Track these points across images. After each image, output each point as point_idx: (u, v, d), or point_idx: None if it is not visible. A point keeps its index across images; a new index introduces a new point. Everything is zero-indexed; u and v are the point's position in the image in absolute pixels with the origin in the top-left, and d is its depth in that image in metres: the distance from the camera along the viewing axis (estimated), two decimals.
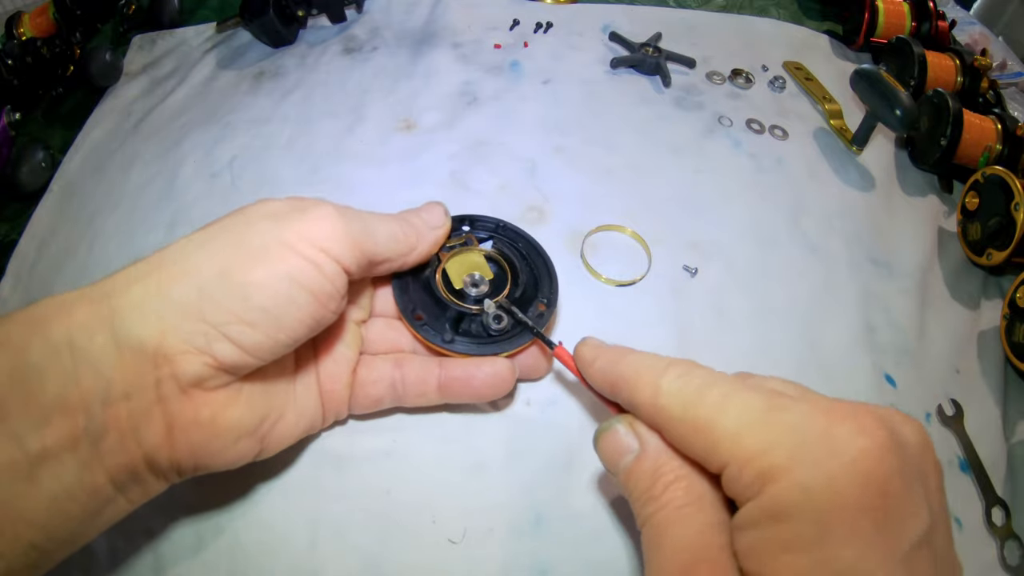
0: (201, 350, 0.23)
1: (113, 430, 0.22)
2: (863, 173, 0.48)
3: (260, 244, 0.24)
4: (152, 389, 0.22)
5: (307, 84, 0.53)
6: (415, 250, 0.30)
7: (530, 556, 0.30)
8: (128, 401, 0.22)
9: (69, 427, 0.21)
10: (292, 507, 0.30)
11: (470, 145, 0.47)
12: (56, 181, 0.48)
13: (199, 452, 0.24)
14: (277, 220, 0.25)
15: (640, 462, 0.23)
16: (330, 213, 0.26)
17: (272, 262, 0.24)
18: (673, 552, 0.20)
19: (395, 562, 0.29)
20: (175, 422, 0.23)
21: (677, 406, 0.21)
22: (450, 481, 0.31)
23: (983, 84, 0.52)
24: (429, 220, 0.31)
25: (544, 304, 0.32)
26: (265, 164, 0.46)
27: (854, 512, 0.18)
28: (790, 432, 0.19)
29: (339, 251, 0.25)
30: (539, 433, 0.33)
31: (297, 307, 0.24)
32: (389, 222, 0.29)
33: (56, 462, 0.21)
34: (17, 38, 0.59)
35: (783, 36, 0.60)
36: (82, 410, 0.21)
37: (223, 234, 0.25)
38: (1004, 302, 0.40)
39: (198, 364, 0.23)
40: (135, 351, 0.22)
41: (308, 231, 0.25)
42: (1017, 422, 0.38)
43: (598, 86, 0.53)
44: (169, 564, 0.29)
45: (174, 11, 0.60)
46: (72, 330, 0.22)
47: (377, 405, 0.32)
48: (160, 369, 0.22)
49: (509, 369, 0.31)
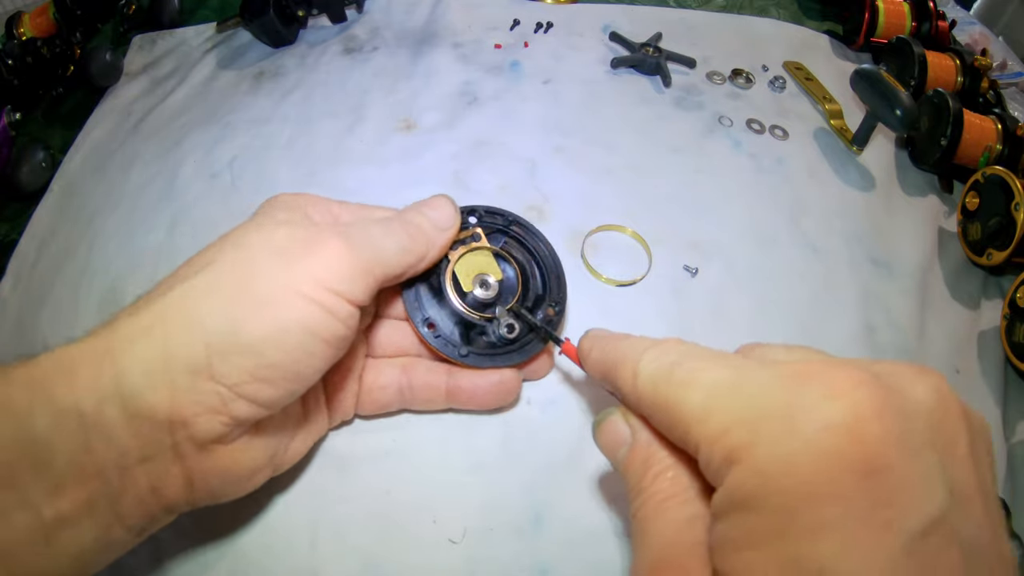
0: (216, 410, 0.22)
1: (131, 491, 0.21)
2: (863, 173, 0.48)
3: (267, 291, 0.22)
4: (169, 451, 0.22)
5: (307, 84, 0.53)
6: (425, 259, 0.28)
7: (530, 556, 0.30)
8: (145, 464, 0.21)
9: (85, 493, 0.21)
10: (292, 507, 0.30)
11: (470, 145, 0.47)
12: (56, 181, 0.48)
13: (217, 493, 0.24)
14: (283, 259, 0.23)
15: (632, 453, 0.22)
16: (338, 248, 0.24)
17: (282, 313, 0.22)
18: (648, 549, 0.19)
19: (395, 562, 0.29)
20: (194, 474, 0.23)
21: (649, 387, 0.20)
22: (450, 481, 0.31)
23: (983, 84, 0.52)
24: (438, 221, 0.29)
25: (553, 309, 0.32)
26: (265, 164, 0.46)
27: (825, 498, 0.15)
28: (750, 405, 0.16)
29: (352, 288, 0.24)
30: (539, 433, 0.33)
31: (311, 356, 0.23)
32: (397, 233, 0.27)
33: (73, 525, 0.21)
34: (17, 38, 0.59)
35: (783, 36, 0.60)
36: (97, 477, 0.21)
37: (226, 278, 0.23)
38: (1004, 302, 0.40)
39: (215, 424, 0.22)
40: (149, 420, 0.21)
41: (318, 272, 0.23)
42: (1017, 422, 0.38)
43: (598, 86, 0.53)
44: (169, 564, 0.29)
45: (174, 11, 0.60)
46: (78, 397, 0.20)
47: (384, 409, 0.32)
48: (176, 433, 0.22)
49: (515, 379, 0.31)
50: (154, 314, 0.22)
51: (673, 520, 0.19)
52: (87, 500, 0.21)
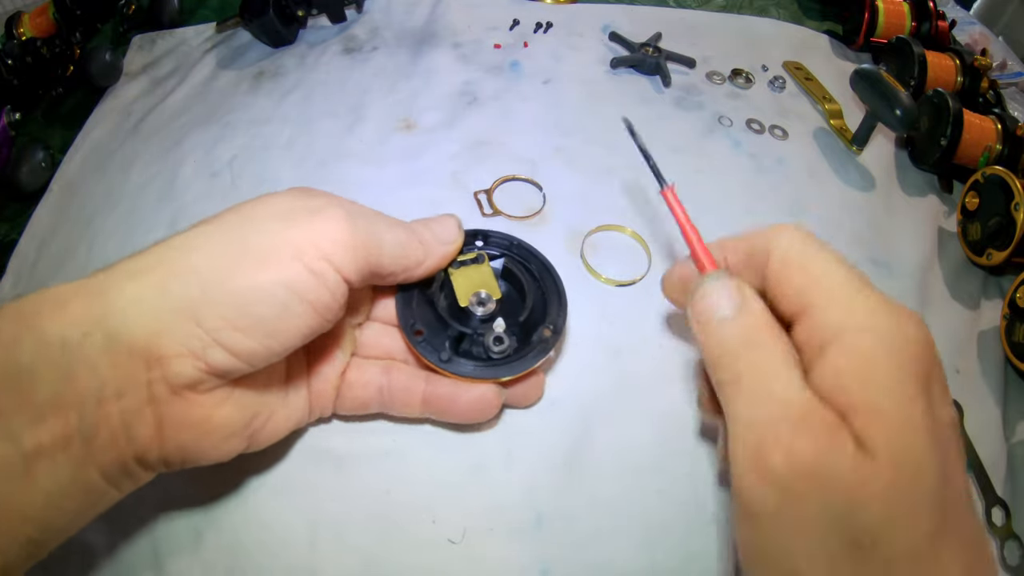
0: (194, 354, 0.22)
1: (104, 428, 0.22)
2: (863, 173, 0.48)
3: (263, 246, 0.23)
4: (144, 389, 0.22)
5: (307, 84, 0.53)
6: (422, 264, 0.29)
7: (530, 556, 0.30)
8: (120, 400, 0.22)
9: (63, 425, 0.21)
10: (291, 507, 0.30)
11: (470, 145, 0.47)
12: (56, 181, 0.48)
13: (188, 449, 0.24)
14: (284, 220, 0.24)
15: (746, 315, 0.22)
16: (340, 217, 0.25)
17: (272, 268, 0.23)
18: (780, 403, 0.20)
19: (395, 562, 0.29)
20: (165, 421, 0.23)
21: (792, 247, 0.23)
22: (450, 481, 0.31)
23: (983, 84, 0.52)
24: (441, 234, 0.30)
25: (550, 330, 0.31)
26: (265, 164, 0.46)
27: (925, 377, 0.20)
28: (870, 301, 0.21)
29: (344, 261, 0.25)
30: (539, 433, 0.33)
31: (294, 316, 0.24)
32: (398, 231, 0.28)
33: (51, 460, 0.21)
34: (17, 38, 0.59)
35: (783, 36, 0.60)
36: (75, 408, 0.21)
37: (226, 231, 0.24)
38: (1004, 302, 0.40)
39: (190, 367, 0.22)
40: (128, 351, 0.22)
41: (315, 236, 0.24)
42: (1017, 422, 0.38)
43: (598, 86, 0.53)
44: (168, 563, 0.29)
45: (174, 11, 0.60)
46: (65, 328, 0.21)
47: (363, 409, 0.31)
48: (152, 371, 0.22)
49: (495, 395, 0.30)
50: (151, 258, 0.23)
51: (792, 384, 0.21)
52: (64, 433, 0.21)
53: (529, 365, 0.30)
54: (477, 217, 0.42)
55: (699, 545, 0.30)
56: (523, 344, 0.30)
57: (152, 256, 0.23)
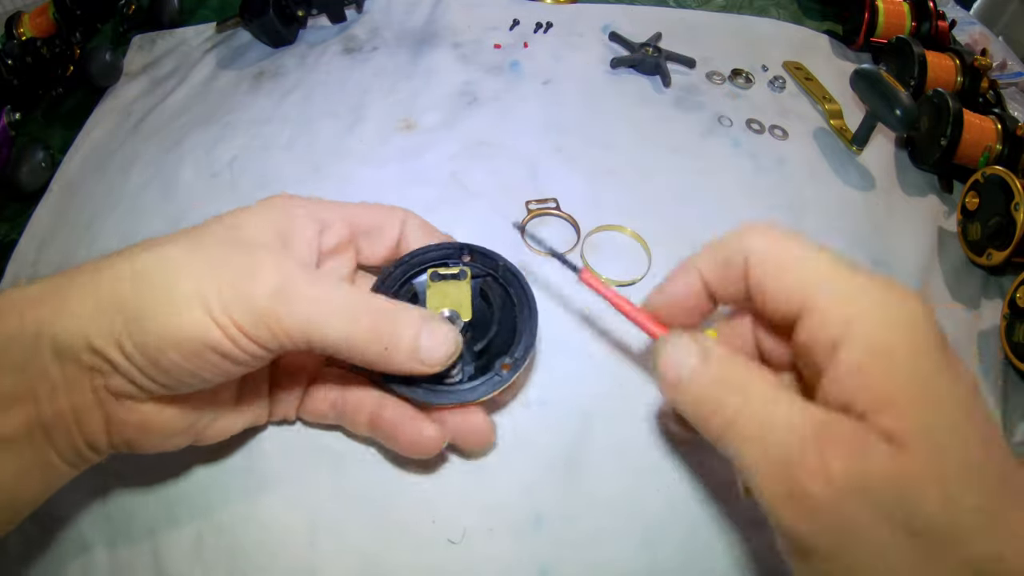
0: (124, 375, 0.23)
1: (60, 421, 0.23)
2: (863, 173, 0.48)
3: (183, 294, 0.23)
4: (90, 393, 0.23)
5: (307, 84, 0.53)
6: (378, 365, 0.25)
7: (530, 556, 0.30)
8: (71, 398, 0.23)
9: (25, 416, 0.23)
10: (291, 507, 0.30)
11: (470, 145, 0.47)
12: (56, 181, 0.48)
13: (134, 442, 0.25)
14: (213, 271, 0.23)
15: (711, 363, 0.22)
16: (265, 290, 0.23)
17: (184, 320, 0.22)
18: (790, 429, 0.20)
19: (394, 562, 0.29)
20: (111, 420, 0.24)
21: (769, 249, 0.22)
22: (450, 481, 0.31)
23: (983, 84, 0.52)
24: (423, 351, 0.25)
25: (509, 364, 0.28)
26: (265, 164, 0.46)
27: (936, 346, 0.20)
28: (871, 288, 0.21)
29: (259, 332, 0.23)
30: (539, 433, 0.33)
31: (209, 365, 0.23)
32: (358, 322, 0.24)
33: (15, 446, 0.23)
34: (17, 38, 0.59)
35: (783, 36, 0.60)
36: (33, 402, 0.23)
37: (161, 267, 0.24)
38: (1004, 302, 0.40)
39: (123, 383, 0.23)
40: (74, 361, 0.23)
41: (230, 301, 0.23)
42: (1017, 422, 0.38)
43: (598, 86, 0.53)
44: (168, 564, 0.29)
45: (174, 11, 0.60)
46: (23, 329, 0.22)
47: (320, 419, 0.31)
48: (94, 379, 0.23)
49: (435, 439, 0.28)
50: (97, 277, 0.24)
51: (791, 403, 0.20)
52: (26, 423, 0.23)
53: (478, 395, 0.28)
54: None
55: (699, 545, 0.30)
56: (479, 374, 0.29)
57: (100, 273, 0.24)
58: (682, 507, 0.31)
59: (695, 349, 0.22)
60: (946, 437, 0.19)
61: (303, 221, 0.29)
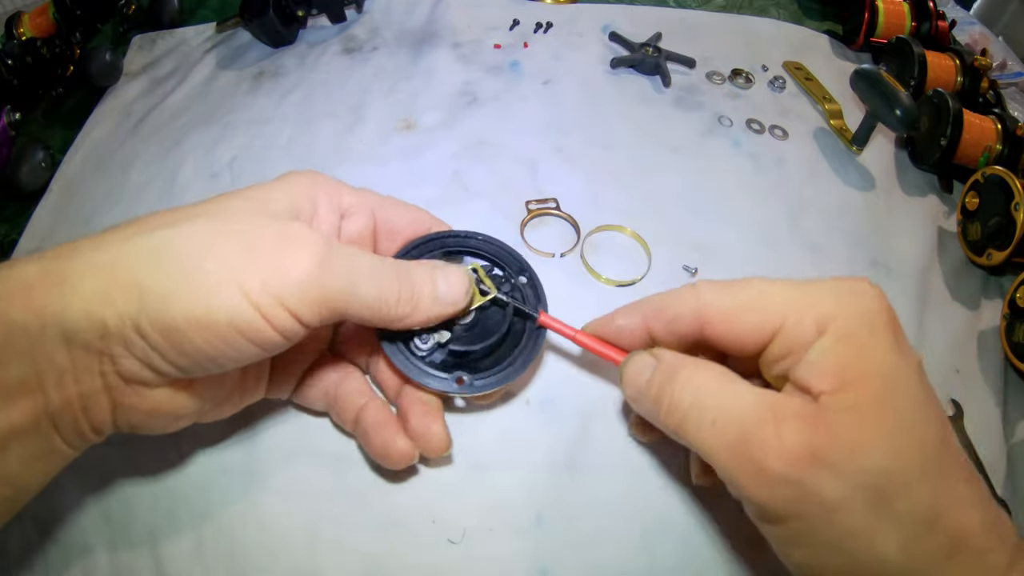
0: (139, 358, 0.22)
1: (67, 409, 0.23)
2: (863, 173, 0.48)
3: (213, 275, 0.22)
4: (99, 378, 0.23)
5: (307, 84, 0.53)
6: (405, 320, 0.26)
7: (530, 556, 0.30)
8: (78, 385, 0.23)
9: (32, 407, 0.22)
10: (291, 508, 0.30)
11: (470, 145, 0.47)
12: (56, 181, 0.48)
13: (138, 426, 0.25)
14: (246, 250, 0.23)
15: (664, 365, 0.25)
16: (307, 264, 0.23)
17: (216, 303, 0.22)
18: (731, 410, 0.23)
19: (395, 563, 0.29)
20: (118, 405, 0.24)
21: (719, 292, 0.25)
22: (450, 481, 0.31)
23: (983, 84, 0.52)
24: (444, 293, 0.27)
25: (463, 381, 0.28)
26: (265, 164, 0.46)
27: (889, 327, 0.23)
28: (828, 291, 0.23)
29: (300, 310, 0.23)
30: (539, 433, 0.33)
31: (235, 351, 0.23)
32: (385, 282, 0.25)
33: (22, 436, 0.22)
34: (17, 38, 0.59)
35: (783, 36, 0.60)
36: (40, 391, 0.22)
37: (185, 244, 0.23)
38: (1004, 302, 0.40)
39: (137, 367, 0.23)
40: (83, 346, 0.22)
41: (271, 278, 0.22)
42: (1017, 422, 0.38)
43: (598, 86, 0.53)
44: (169, 565, 0.29)
45: (174, 11, 0.60)
46: (27, 316, 0.21)
47: (310, 404, 0.32)
48: (104, 364, 0.22)
49: (405, 452, 0.29)
50: (109, 255, 0.22)
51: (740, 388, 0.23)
52: (33, 413, 0.22)
53: (424, 380, 0.28)
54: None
55: (699, 545, 0.30)
56: (446, 368, 0.29)
57: (111, 250, 0.23)
58: (682, 507, 0.31)
59: (649, 360, 0.26)
60: (895, 403, 0.21)
61: (326, 200, 0.28)
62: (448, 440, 0.29)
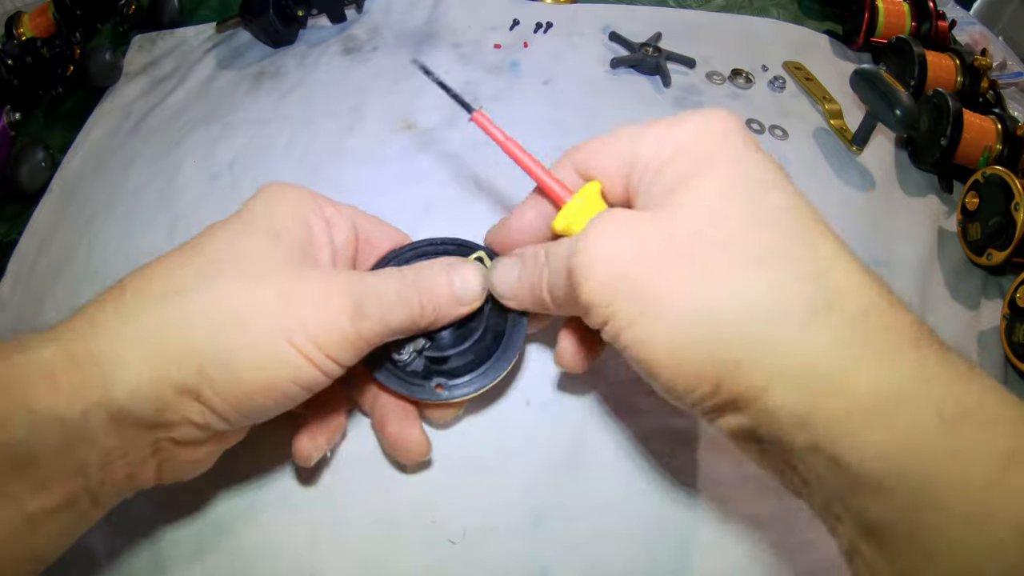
0: (196, 424, 0.22)
1: (110, 484, 0.22)
2: (863, 173, 0.48)
3: (263, 334, 0.22)
4: (149, 447, 0.23)
5: (307, 84, 0.53)
6: (435, 325, 0.28)
7: (530, 556, 0.30)
8: (125, 459, 0.22)
9: (67, 490, 0.21)
10: (291, 508, 0.30)
11: (470, 145, 0.47)
12: (56, 181, 0.48)
13: (179, 479, 0.25)
14: (285, 303, 0.23)
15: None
16: (343, 313, 0.23)
17: (273, 361, 0.22)
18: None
19: (395, 562, 0.29)
20: (166, 464, 0.24)
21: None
22: (450, 481, 0.31)
23: (983, 84, 0.52)
24: (462, 293, 0.27)
25: (441, 387, 0.29)
26: (265, 164, 0.46)
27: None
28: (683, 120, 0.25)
29: (342, 355, 0.24)
30: (539, 433, 0.33)
31: (289, 400, 0.24)
32: (411, 301, 0.26)
33: (55, 515, 0.21)
34: (17, 38, 0.59)
35: (783, 36, 0.60)
36: (79, 475, 0.21)
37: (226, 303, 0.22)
38: (1004, 302, 0.40)
39: (194, 432, 0.23)
40: (134, 425, 0.21)
41: (316, 332, 0.23)
42: None
43: (598, 86, 0.53)
44: (169, 566, 0.29)
45: (174, 11, 0.60)
46: (61, 405, 0.20)
47: None
48: (156, 433, 0.22)
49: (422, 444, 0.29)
50: (146, 326, 0.22)
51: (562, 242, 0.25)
52: (70, 496, 0.21)
53: (393, 385, 0.28)
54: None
55: (699, 545, 0.30)
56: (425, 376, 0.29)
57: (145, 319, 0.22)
58: (682, 507, 0.31)
59: (509, 262, 0.28)
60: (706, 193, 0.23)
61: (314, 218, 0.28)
62: (427, 445, 0.29)
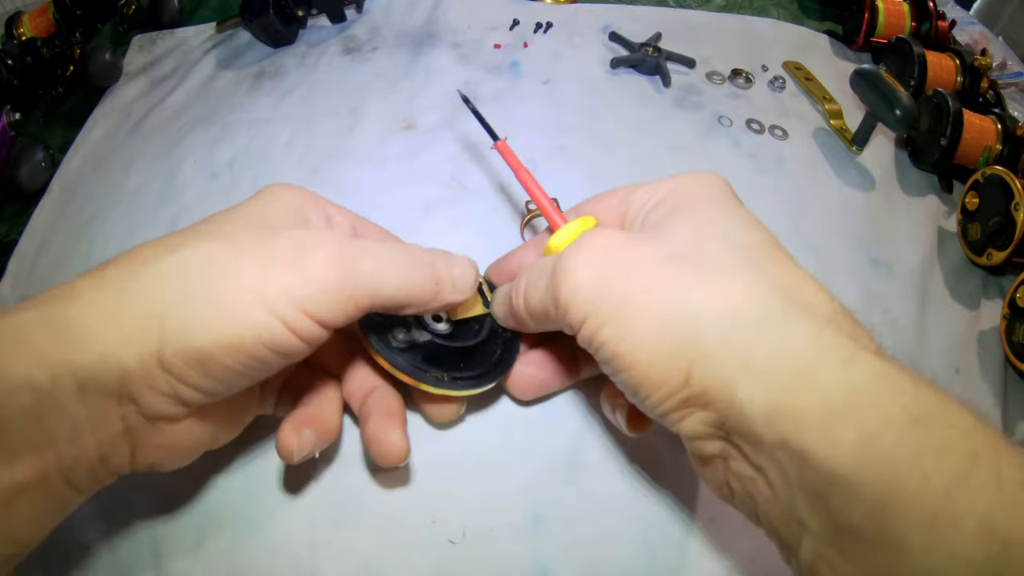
0: (164, 393, 0.22)
1: (82, 461, 0.22)
2: (863, 173, 0.48)
3: (232, 294, 0.21)
4: (119, 422, 0.22)
5: (307, 84, 0.53)
6: (426, 306, 0.26)
7: (530, 556, 0.30)
8: (95, 434, 0.22)
9: (39, 462, 0.21)
10: (291, 507, 0.30)
11: (470, 145, 0.47)
12: (56, 181, 0.48)
13: (157, 465, 0.25)
14: (261, 262, 0.22)
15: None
16: (325, 265, 0.22)
17: (240, 321, 0.21)
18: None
19: (394, 562, 0.29)
20: (138, 446, 0.23)
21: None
22: (450, 481, 0.31)
23: (983, 84, 0.52)
24: (459, 282, 0.27)
25: (440, 376, 0.29)
26: (265, 164, 0.46)
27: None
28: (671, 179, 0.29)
29: (326, 313, 0.22)
30: (539, 433, 0.33)
31: (263, 364, 0.23)
32: (410, 270, 0.25)
33: (28, 492, 0.21)
34: (17, 38, 0.59)
35: (783, 36, 0.60)
36: (51, 447, 0.21)
37: (196, 269, 0.22)
38: (1004, 302, 0.40)
39: (163, 403, 0.22)
40: (99, 394, 0.21)
41: (292, 287, 0.22)
42: (1017, 422, 0.38)
43: (598, 86, 0.53)
44: (168, 564, 0.29)
45: (174, 11, 0.60)
46: (32, 370, 0.20)
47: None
48: (125, 407, 0.22)
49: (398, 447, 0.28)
50: (116, 294, 0.21)
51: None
52: (42, 469, 0.21)
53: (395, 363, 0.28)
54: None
55: (699, 545, 0.30)
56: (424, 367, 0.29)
57: (117, 286, 0.22)
58: (682, 507, 0.31)
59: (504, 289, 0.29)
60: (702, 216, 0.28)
61: (315, 212, 0.28)
62: (406, 450, 0.27)
